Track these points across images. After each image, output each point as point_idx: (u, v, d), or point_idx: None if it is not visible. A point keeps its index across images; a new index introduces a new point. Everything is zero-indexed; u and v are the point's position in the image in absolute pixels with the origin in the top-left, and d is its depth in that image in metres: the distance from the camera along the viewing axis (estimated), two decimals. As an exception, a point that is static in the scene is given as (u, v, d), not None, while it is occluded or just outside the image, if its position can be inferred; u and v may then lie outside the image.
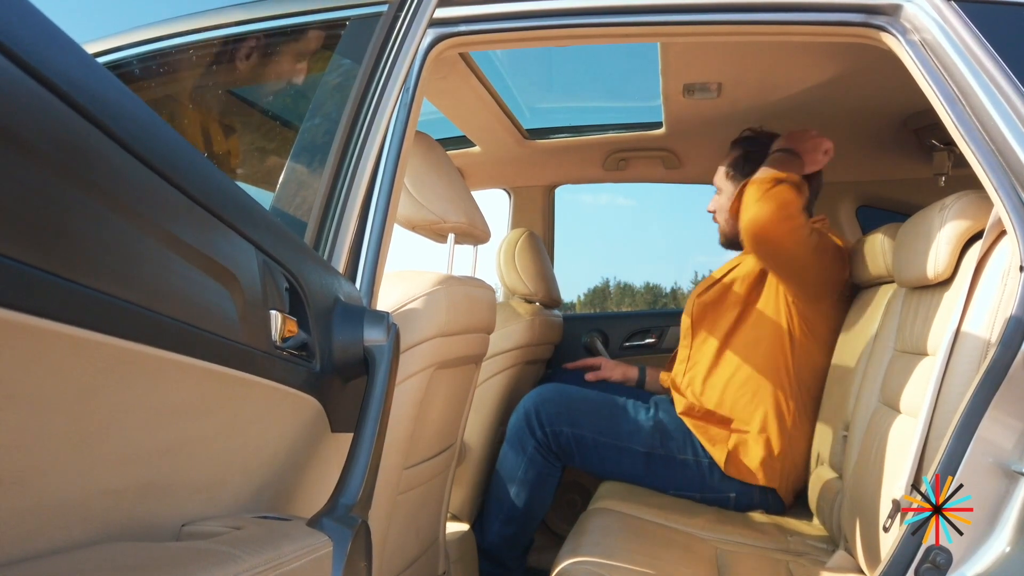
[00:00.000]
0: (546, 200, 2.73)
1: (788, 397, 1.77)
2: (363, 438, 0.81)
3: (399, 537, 1.33)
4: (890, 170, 2.35)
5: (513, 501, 1.79)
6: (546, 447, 1.77)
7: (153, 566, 0.50)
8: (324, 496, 0.78)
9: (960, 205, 1.22)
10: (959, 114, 1.08)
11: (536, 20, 1.21)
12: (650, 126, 2.32)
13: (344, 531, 0.71)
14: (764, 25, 1.17)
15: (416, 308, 1.20)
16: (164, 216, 0.52)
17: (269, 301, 0.69)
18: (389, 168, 1.09)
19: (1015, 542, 0.98)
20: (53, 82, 0.41)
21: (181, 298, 0.53)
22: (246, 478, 0.73)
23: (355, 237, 1.03)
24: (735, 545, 1.50)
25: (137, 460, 0.55)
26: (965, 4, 1.09)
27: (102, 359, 0.46)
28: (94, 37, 1.36)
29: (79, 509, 0.51)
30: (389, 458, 1.14)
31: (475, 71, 1.89)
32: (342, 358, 0.87)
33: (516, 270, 2.26)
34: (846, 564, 1.38)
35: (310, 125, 1.12)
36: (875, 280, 1.67)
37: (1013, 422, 0.99)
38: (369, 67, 1.07)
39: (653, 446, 1.77)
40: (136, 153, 0.48)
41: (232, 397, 0.65)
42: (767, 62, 1.78)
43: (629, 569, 1.25)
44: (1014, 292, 1.02)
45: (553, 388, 1.85)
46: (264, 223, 0.71)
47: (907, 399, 1.27)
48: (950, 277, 1.23)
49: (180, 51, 1.29)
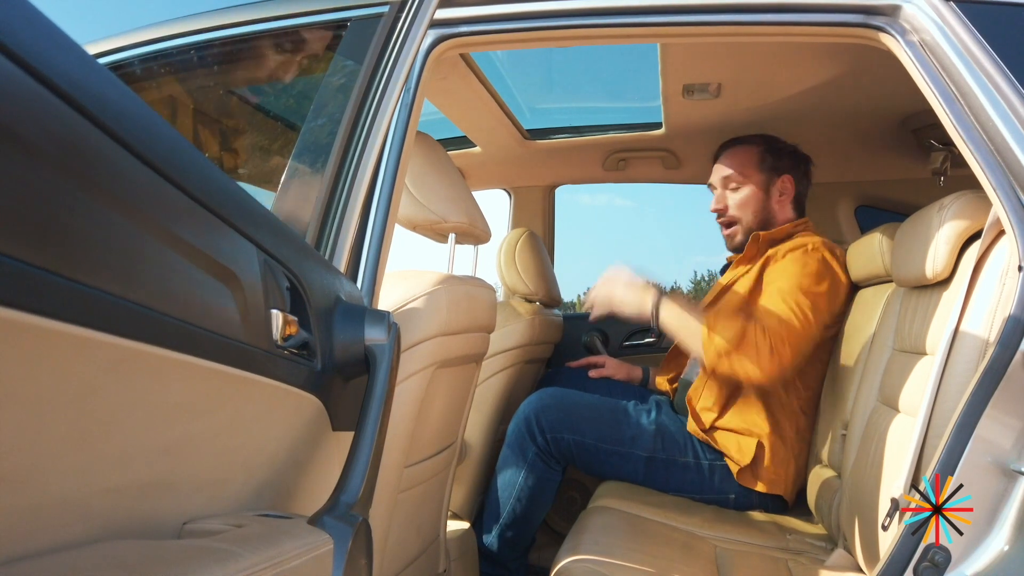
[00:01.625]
0: (546, 200, 2.73)
1: (797, 400, 1.76)
2: (364, 437, 0.82)
3: (400, 535, 1.34)
4: (889, 170, 2.35)
5: (514, 506, 1.77)
6: (547, 453, 1.75)
7: (154, 564, 0.50)
8: (325, 494, 0.79)
9: (959, 205, 1.22)
10: (958, 114, 1.08)
11: (536, 21, 1.21)
12: (650, 126, 2.32)
13: (345, 529, 0.72)
14: (763, 26, 1.18)
15: (417, 307, 1.21)
16: (165, 216, 0.52)
17: (270, 300, 0.69)
18: (390, 168, 1.10)
19: (1014, 541, 0.98)
20: (54, 82, 0.41)
21: (182, 297, 0.53)
22: (247, 476, 0.74)
23: (356, 237, 1.04)
24: (734, 543, 1.50)
25: (138, 458, 0.55)
26: (964, 4, 1.09)
27: (103, 358, 0.46)
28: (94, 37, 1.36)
29: (80, 507, 0.51)
30: (390, 456, 1.14)
31: (476, 71, 1.89)
32: (343, 357, 0.87)
33: (516, 270, 2.26)
34: (845, 563, 1.39)
35: (311, 125, 1.12)
36: (874, 280, 1.68)
37: (1012, 421, 0.99)
38: (370, 68, 1.07)
39: (655, 450, 1.76)
40: (137, 153, 0.48)
41: (233, 396, 0.65)
42: (766, 63, 1.78)
43: (629, 567, 1.25)
44: (1012, 292, 1.02)
45: (553, 393, 1.82)
46: (265, 223, 0.71)
47: (906, 398, 1.28)
48: (949, 277, 1.23)
49: (181, 52, 1.29)
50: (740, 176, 1.92)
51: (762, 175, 1.92)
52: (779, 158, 1.93)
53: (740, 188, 1.92)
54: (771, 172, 1.92)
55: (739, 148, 1.95)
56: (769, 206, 1.92)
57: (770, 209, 1.92)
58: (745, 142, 1.95)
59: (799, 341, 1.60)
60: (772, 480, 1.71)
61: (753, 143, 1.94)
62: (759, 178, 1.92)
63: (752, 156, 1.93)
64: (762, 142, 1.94)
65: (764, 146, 1.94)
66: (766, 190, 1.91)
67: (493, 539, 1.80)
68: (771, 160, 1.92)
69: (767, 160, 1.92)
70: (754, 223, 1.92)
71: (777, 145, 1.95)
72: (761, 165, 1.92)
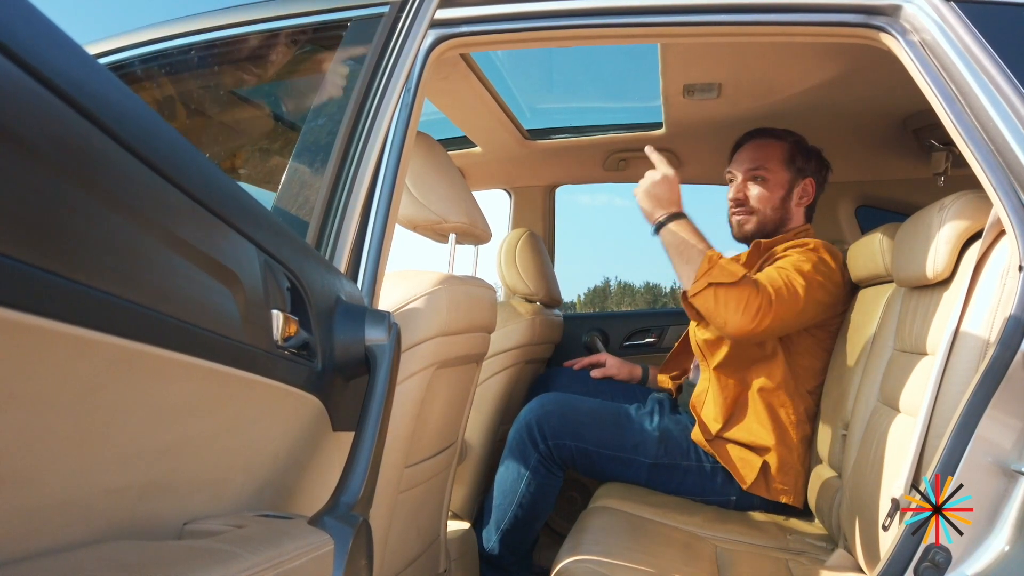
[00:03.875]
0: (546, 200, 2.73)
1: (803, 405, 1.75)
2: (364, 437, 0.82)
3: (400, 535, 1.34)
4: (889, 170, 2.35)
5: (516, 511, 1.76)
6: (548, 458, 1.74)
7: (155, 564, 0.50)
8: (325, 494, 0.79)
9: (959, 205, 1.22)
10: (958, 114, 1.08)
11: (537, 21, 1.21)
12: (650, 126, 2.33)
13: (345, 529, 0.72)
14: (764, 26, 1.18)
15: (417, 307, 1.21)
16: (166, 216, 0.52)
17: (271, 300, 0.69)
18: (390, 168, 1.10)
19: (1014, 541, 0.98)
20: (54, 82, 0.41)
21: (183, 297, 0.53)
22: (248, 477, 0.74)
23: (356, 237, 1.04)
24: (734, 543, 1.50)
25: (139, 459, 0.55)
26: (964, 4, 1.09)
27: (104, 358, 0.46)
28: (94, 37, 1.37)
29: (81, 508, 0.51)
30: (390, 457, 1.14)
31: (476, 72, 1.89)
32: (343, 357, 0.87)
33: (517, 270, 2.26)
34: (845, 563, 1.39)
35: (312, 125, 1.12)
36: (874, 280, 1.68)
37: (1012, 421, 0.99)
38: (371, 68, 1.07)
39: (658, 456, 1.75)
40: (137, 153, 0.48)
41: (234, 396, 0.65)
42: (767, 63, 1.78)
43: (629, 567, 1.25)
44: (1013, 292, 1.02)
45: (554, 399, 1.80)
46: (266, 223, 0.71)
47: (906, 398, 1.28)
48: (949, 277, 1.23)
49: (182, 52, 1.29)
50: (765, 170, 1.86)
51: (788, 174, 1.86)
52: (807, 160, 1.88)
53: (765, 182, 1.86)
54: (798, 173, 1.87)
55: (768, 141, 1.88)
56: (788, 206, 1.87)
57: (788, 209, 1.87)
58: (774, 135, 1.89)
59: (785, 312, 1.59)
60: (780, 490, 1.70)
61: (783, 138, 1.88)
62: (784, 176, 1.86)
63: (782, 152, 1.87)
64: (792, 139, 1.89)
65: (794, 145, 1.88)
66: (789, 190, 1.87)
67: (495, 544, 1.79)
68: (800, 160, 1.87)
69: (796, 160, 1.87)
70: (770, 219, 1.86)
71: (806, 145, 1.90)
72: (789, 163, 1.86)
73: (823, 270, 1.69)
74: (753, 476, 1.68)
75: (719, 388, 1.73)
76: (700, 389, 1.77)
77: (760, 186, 1.86)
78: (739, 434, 1.71)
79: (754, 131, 1.93)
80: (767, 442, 1.69)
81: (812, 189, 1.89)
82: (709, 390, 1.75)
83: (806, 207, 1.90)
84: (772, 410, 1.71)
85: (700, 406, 1.75)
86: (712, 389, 1.74)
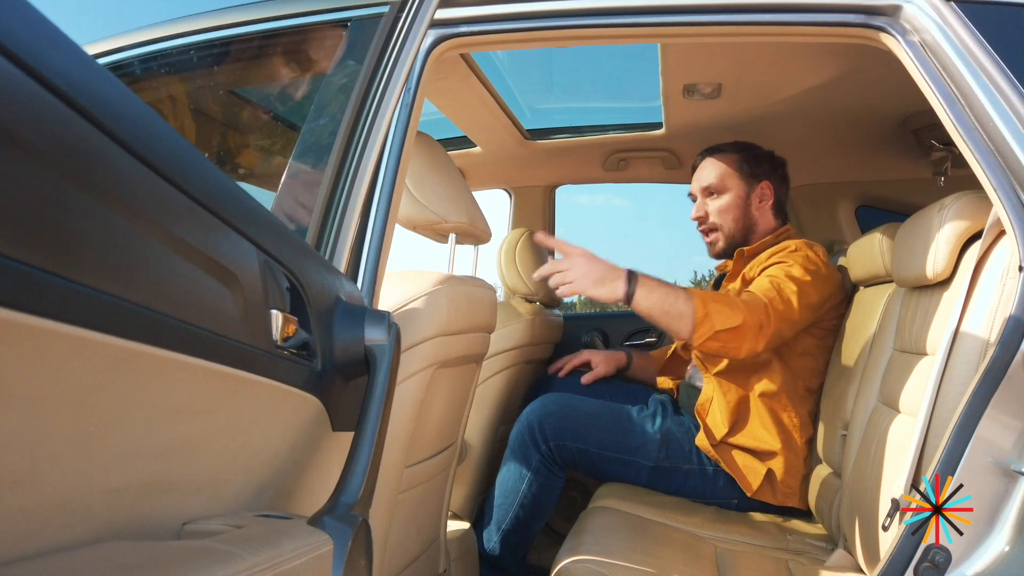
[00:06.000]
0: (546, 200, 2.73)
1: (806, 408, 1.76)
2: (364, 437, 0.82)
3: (400, 535, 1.34)
4: (889, 170, 2.35)
5: (517, 512, 1.76)
6: (550, 460, 1.74)
7: (154, 565, 0.50)
8: (325, 495, 0.79)
9: (959, 205, 1.22)
10: (958, 114, 1.08)
11: (537, 21, 1.21)
12: (650, 126, 2.33)
13: (345, 529, 0.72)
14: (764, 26, 1.17)
15: (417, 308, 1.20)
16: (165, 216, 0.52)
17: (270, 301, 0.69)
18: (390, 168, 1.10)
19: (1014, 541, 0.98)
20: (53, 83, 0.41)
21: (182, 297, 0.53)
22: (247, 477, 0.74)
23: (356, 237, 1.04)
24: (735, 544, 1.50)
25: (138, 459, 0.55)
26: (964, 5, 1.09)
27: (103, 358, 0.46)
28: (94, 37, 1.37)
29: (80, 508, 0.51)
30: (390, 457, 1.14)
31: (476, 72, 1.89)
32: (343, 357, 0.87)
33: (517, 270, 2.26)
34: (845, 563, 1.39)
35: (312, 126, 1.12)
36: (874, 280, 1.68)
37: (1012, 421, 0.99)
38: (370, 68, 1.07)
39: (659, 459, 1.75)
40: (137, 153, 0.48)
41: (233, 396, 0.65)
42: (767, 63, 1.78)
43: (629, 567, 1.25)
44: (1013, 292, 1.02)
45: (556, 400, 1.80)
46: (265, 223, 0.71)
47: (906, 398, 1.28)
48: (949, 277, 1.23)
49: (181, 52, 1.29)
50: (719, 184, 1.93)
51: (742, 182, 1.93)
52: (757, 165, 1.94)
53: (720, 196, 1.94)
54: (750, 179, 1.93)
55: (717, 157, 1.96)
56: (750, 213, 1.93)
57: (751, 216, 1.93)
58: (722, 151, 1.97)
59: (780, 323, 1.61)
60: (786, 494, 1.71)
61: (730, 151, 1.96)
62: (738, 185, 1.93)
63: (730, 164, 1.94)
64: (739, 150, 1.96)
65: (742, 154, 1.95)
66: (746, 197, 1.93)
67: (495, 544, 1.79)
68: (749, 168, 1.93)
69: (745, 168, 1.93)
70: (736, 230, 1.93)
71: (754, 152, 1.96)
72: (740, 173, 1.93)
73: (811, 269, 1.71)
74: (758, 483, 1.69)
75: (722, 394, 1.73)
76: (705, 396, 1.77)
77: (715, 201, 1.94)
78: (745, 439, 1.71)
79: (705, 151, 1.99)
80: (773, 447, 1.69)
81: (770, 191, 1.93)
82: (714, 397, 1.75)
83: (772, 207, 1.94)
84: (775, 415, 1.72)
85: (706, 413, 1.76)
86: (716, 395, 1.75)
